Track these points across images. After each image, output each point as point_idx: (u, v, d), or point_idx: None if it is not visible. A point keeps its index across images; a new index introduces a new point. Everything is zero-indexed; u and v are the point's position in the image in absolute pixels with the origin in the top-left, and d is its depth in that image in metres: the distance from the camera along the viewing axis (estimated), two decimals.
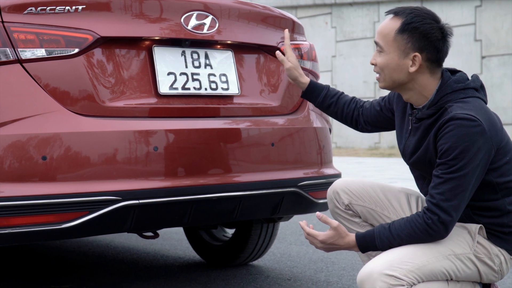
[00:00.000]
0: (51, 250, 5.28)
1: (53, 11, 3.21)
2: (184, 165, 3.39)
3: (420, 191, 3.14)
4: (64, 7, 3.23)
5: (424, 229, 2.79)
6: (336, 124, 14.57)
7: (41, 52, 3.18)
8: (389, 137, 15.81)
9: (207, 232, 4.75)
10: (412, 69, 2.87)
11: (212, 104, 3.60)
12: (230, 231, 4.77)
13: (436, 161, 2.82)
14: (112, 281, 4.26)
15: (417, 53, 2.85)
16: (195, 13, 3.54)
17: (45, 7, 3.20)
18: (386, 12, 2.97)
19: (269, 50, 3.86)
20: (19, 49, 3.14)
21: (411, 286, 2.77)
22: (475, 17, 14.75)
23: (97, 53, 3.32)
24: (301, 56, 3.95)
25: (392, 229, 2.86)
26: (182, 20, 3.50)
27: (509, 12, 14.24)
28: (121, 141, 3.24)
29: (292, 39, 3.96)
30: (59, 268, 4.68)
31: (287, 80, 3.84)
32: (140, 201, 3.23)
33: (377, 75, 2.97)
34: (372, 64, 2.97)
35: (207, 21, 3.57)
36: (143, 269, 4.60)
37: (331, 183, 3.45)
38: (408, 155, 3.04)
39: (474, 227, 2.91)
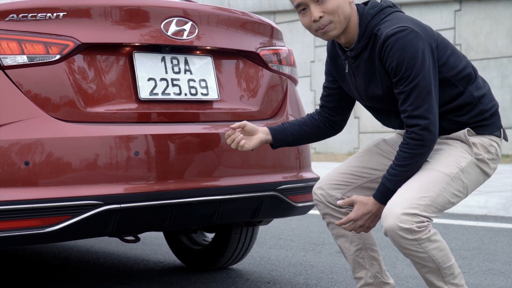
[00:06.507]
0: (33, 255, 5.30)
1: (34, 18, 3.25)
2: (165, 169, 3.43)
3: (393, 128, 3.25)
4: (45, 14, 3.27)
5: (413, 144, 2.93)
6: None
7: (23, 59, 3.21)
8: (369, 142, 15.83)
9: (187, 237, 4.78)
10: None
11: (192, 109, 3.64)
12: (210, 235, 4.81)
13: (392, 81, 2.95)
14: (93, 285, 4.29)
15: None
16: (175, 19, 3.58)
17: (26, 14, 3.23)
18: None
19: (248, 56, 3.90)
20: (1, 56, 3.17)
21: (431, 220, 2.90)
22: (455, 22, 14.82)
23: (78, 59, 3.36)
24: (279, 62, 4.00)
25: (391, 166, 3.00)
26: (162, 26, 3.54)
27: (489, 17, 14.32)
28: (103, 146, 3.28)
29: (270, 44, 4.01)
30: (41, 273, 4.70)
31: (266, 85, 3.90)
32: (122, 205, 3.27)
33: (325, 28, 3.03)
34: (316, 20, 3.03)
35: (187, 27, 3.61)
36: (124, 273, 4.63)
37: (310, 187, 3.49)
38: (364, 95, 3.14)
39: (462, 133, 3.05)
